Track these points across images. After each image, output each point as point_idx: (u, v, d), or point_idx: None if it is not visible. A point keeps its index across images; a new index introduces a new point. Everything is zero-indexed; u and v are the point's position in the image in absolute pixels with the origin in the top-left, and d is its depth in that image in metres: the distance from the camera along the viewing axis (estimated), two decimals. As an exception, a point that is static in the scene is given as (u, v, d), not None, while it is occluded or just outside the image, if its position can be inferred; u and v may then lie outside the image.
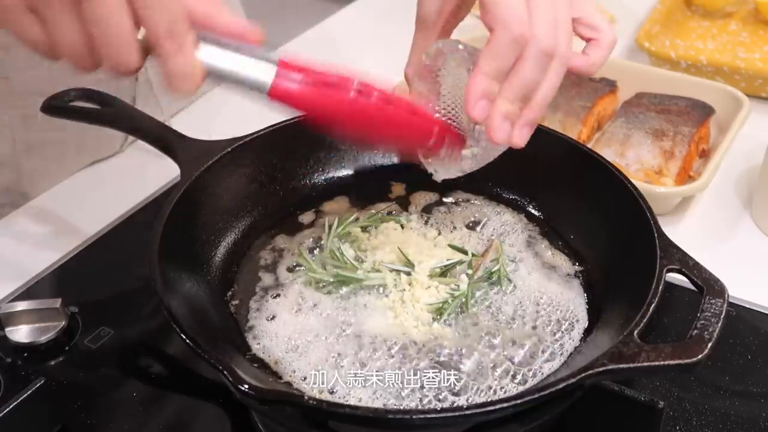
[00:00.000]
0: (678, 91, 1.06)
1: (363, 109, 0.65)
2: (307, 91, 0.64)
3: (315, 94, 0.64)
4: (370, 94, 0.65)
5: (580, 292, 0.73)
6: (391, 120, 0.67)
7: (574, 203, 0.80)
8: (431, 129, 0.69)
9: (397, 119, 0.68)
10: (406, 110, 0.68)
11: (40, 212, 0.97)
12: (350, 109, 0.65)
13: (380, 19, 1.46)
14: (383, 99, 0.66)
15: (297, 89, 0.63)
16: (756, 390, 0.73)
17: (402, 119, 0.68)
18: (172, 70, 0.56)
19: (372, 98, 0.65)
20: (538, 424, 0.62)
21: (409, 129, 0.69)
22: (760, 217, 0.94)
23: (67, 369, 0.75)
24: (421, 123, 0.70)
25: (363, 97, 0.65)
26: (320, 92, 0.64)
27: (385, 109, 0.66)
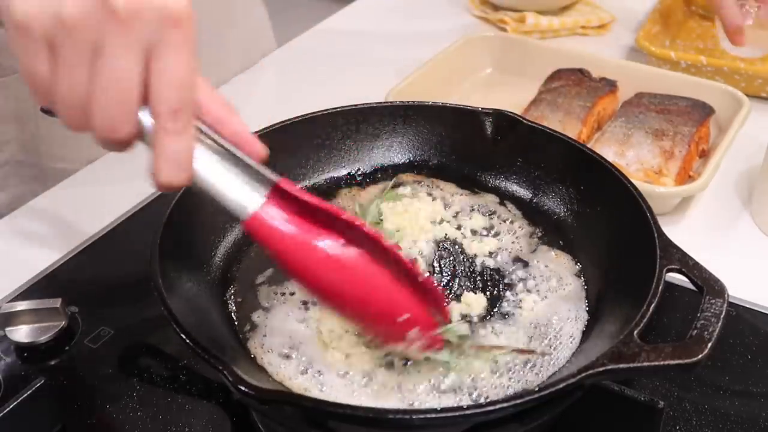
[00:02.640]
0: (678, 91, 1.07)
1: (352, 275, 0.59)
2: (285, 240, 0.58)
3: (294, 243, 0.58)
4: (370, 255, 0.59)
5: (581, 291, 0.73)
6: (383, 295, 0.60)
7: (574, 203, 0.80)
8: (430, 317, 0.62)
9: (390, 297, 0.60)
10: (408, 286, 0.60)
11: (40, 212, 0.97)
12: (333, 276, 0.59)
13: (380, 19, 1.46)
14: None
15: (274, 236, 0.58)
16: (756, 390, 0.73)
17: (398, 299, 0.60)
18: (165, 155, 0.53)
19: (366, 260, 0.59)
20: (538, 424, 0.62)
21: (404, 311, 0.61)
22: (760, 217, 0.94)
23: (67, 369, 0.75)
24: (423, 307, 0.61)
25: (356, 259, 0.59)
26: (295, 248, 0.58)
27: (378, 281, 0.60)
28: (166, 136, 0.52)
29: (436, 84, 1.12)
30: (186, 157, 0.54)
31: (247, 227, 0.58)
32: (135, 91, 0.51)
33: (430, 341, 0.62)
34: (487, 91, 1.20)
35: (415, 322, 0.61)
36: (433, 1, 1.49)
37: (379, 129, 0.88)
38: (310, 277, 0.60)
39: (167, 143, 0.52)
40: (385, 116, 0.88)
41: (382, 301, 0.61)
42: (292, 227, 0.58)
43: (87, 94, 0.51)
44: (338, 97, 0.91)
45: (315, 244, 0.59)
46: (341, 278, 0.60)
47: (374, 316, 0.62)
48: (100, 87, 0.51)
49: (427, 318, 0.62)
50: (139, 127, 0.52)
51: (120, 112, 0.51)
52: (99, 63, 0.50)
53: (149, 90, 0.52)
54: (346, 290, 0.60)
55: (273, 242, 0.58)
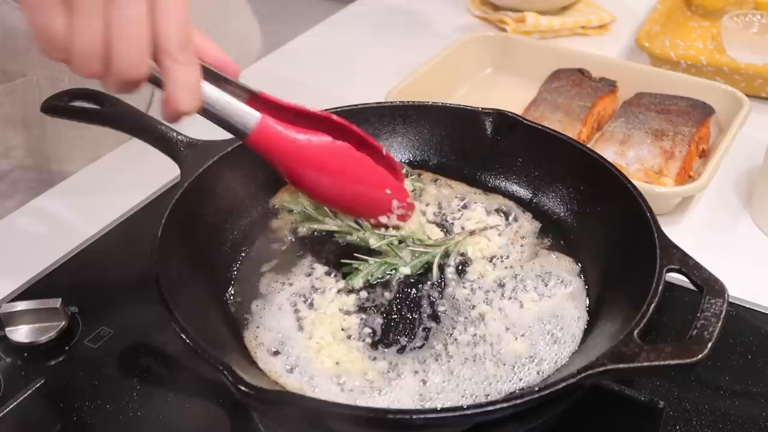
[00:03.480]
0: (678, 91, 1.07)
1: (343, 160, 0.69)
2: (287, 143, 0.66)
3: (294, 145, 0.67)
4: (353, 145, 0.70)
5: (581, 291, 0.73)
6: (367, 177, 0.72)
7: (574, 203, 0.80)
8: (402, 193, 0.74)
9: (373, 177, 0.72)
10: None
11: (39, 212, 0.97)
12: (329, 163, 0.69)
13: (380, 20, 1.46)
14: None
15: (277, 141, 0.66)
16: (756, 390, 0.73)
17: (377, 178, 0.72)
18: (179, 83, 0.58)
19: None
20: (538, 424, 0.62)
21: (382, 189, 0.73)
22: (759, 217, 0.94)
23: (67, 369, 0.75)
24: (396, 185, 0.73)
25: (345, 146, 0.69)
26: (299, 145, 0.67)
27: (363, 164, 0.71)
28: (179, 67, 0.58)
29: (436, 84, 1.12)
30: (197, 84, 0.60)
31: (253, 139, 0.65)
32: (148, 33, 0.56)
33: (408, 207, 0.74)
34: (487, 91, 1.20)
35: (396, 192, 0.73)
36: (433, 2, 1.49)
37: (379, 129, 0.88)
38: (312, 173, 0.69)
39: (180, 73, 0.58)
40: (385, 116, 0.88)
41: (372, 180, 0.72)
42: (290, 131, 0.67)
43: (104, 42, 0.56)
44: (338, 97, 0.91)
45: (311, 141, 0.67)
46: (338, 168, 0.69)
47: (367, 195, 0.72)
48: (117, 33, 0.55)
49: (401, 186, 0.74)
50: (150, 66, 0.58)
51: (137, 54, 0.56)
52: (113, 11, 0.55)
53: (157, 30, 0.57)
54: (343, 178, 0.70)
55: (278, 147, 0.66)
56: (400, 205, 0.73)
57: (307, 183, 0.70)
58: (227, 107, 0.64)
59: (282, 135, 0.66)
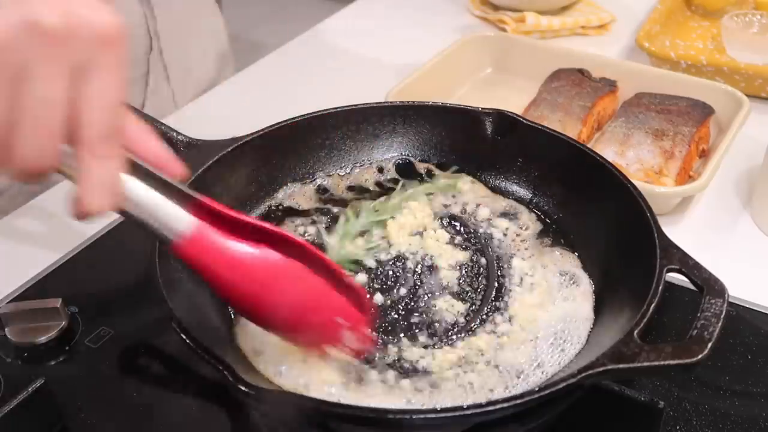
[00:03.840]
0: (678, 91, 1.07)
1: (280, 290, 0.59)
2: (225, 258, 0.57)
3: (231, 259, 0.57)
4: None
5: (589, 291, 0.73)
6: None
7: (574, 203, 0.80)
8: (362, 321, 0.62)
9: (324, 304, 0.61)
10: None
11: (40, 212, 0.97)
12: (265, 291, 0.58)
13: (380, 20, 1.46)
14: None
15: (212, 253, 0.57)
16: (756, 390, 0.73)
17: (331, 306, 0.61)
18: (92, 180, 0.49)
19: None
20: (538, 424, 0.62)
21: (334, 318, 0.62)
22: (759, 217, 0.94)
23: (67, 369, 0.75)
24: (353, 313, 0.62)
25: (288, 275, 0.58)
26: (238, 259, 0.57)
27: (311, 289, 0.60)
28: (95, 161, 0.49)
29: (436, 84, 1.12)
30: (115, 182, 0.51)
31: (179, 248, 0.56)
32: (62, 118, 0.47)
33: (365, 340, 0.63)
34: (487, 91, 1.20)
35: (351, 321, 0.62)
36: (433, 2, 1.49)
37: (379, 129, 0.88)
38: (248, 291, 0.59)
39: (95, 169, 0.49)
40: (385, 116, 0.88)
41: (321, 305, 0.61)
42: (226, 243, 0.57)
43: (8, 125, 0.46)
44: (338, 97, 0.91)
45: (251, 257, 0.58)
46: (281, 288, 0.59)
47: (314, 320, 0.61)
48: (26, 116, 0.46)
49: (360, 317, 0.62)
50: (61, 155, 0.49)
51: (46, 142, 0.47)
52: (24, 89, 0.46)
53: (77, 114, 0.48)
54: (286, 299, 0.60)
55: (208, 261, 0.57)
56: (355, 337, 0.62)
57: (242, 302, 0.60)
58: (153, 210, 0.54)
59: (218, 246, 0.56)
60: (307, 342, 0.64)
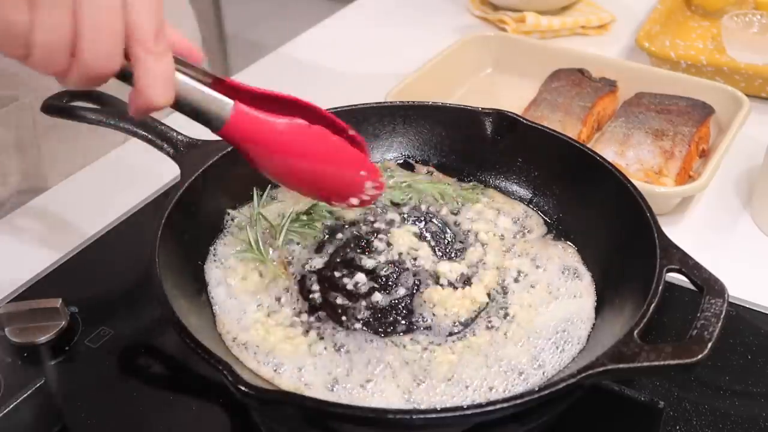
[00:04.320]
0: (678, 91, 1.07)
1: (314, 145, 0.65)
2: (263, 130, 0.63)
3: (270, 131, 0.63)
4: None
5: (590, 292, 0.73)
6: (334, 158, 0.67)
7: (574, 203, 0.80)
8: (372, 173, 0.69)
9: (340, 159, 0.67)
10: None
11: (40, 212, 0.97)
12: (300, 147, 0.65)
13: (380, 19, 1.46)
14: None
15: (253, 128, 0.62)
16: (756, 390, 0.73)
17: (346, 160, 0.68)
18: (156, 74, 0.55)
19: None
20: (538, 424, 0.62)
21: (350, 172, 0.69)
22: (759, 217, 0.94)
23: (67, 369, 0.75)
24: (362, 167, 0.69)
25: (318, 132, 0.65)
26: (276, 130, 0.63)
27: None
28: (153, 58, 0.54)
29: (436, 84, 1.12)
30: (171, 74, 0.56)
31: (229, 128, 0.61)
32: (120, 22, 0.52)
33: (379, 186, 0.70)
34: (487, 91, 1.20)
35: (370, 174, 0.69)
36: (433, 2, 1.49)
37: (379, 129, 0.88)
38: (288, 158, 0.65)
39: (154, 65, 0.54)
40: (385, 116, 0.88)
41: (347, 162, 0.68)
42: (264, 116, 0.63)
43: (71, 35, 0.51)
44: (338, 97, 0.91)
45: (288, 125, 0.64)
46: (314, 151, 0.66)
47: (342, 177, 0.68)
48: (88, 22, 0.51)
49: (374, 167, 0.70)
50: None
51: (111, 44, 0.52)
52: (85, 0, 0.50)
53: (130, 18, 0.53)
54: (319, 161, 0.66)
55: (254, 134, 0.62)
56: (373, 185, 0.70)
57: (281, 169, 0.66)
58: (200, 97, 0.60)
59: (258, 120, 0.62)
60: (338, 196, 0.70)
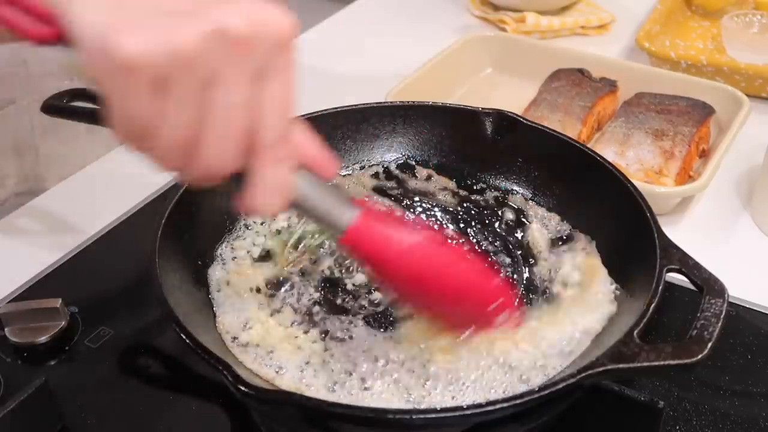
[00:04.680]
0: (678, 91, 1.07)
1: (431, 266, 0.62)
2: (382, 245, 0.60)
3: (389, 249, 0.60)
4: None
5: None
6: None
7: (574, 203, 0.80)
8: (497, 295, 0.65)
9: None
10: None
11: (39, 212, 0.97)
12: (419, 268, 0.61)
13: (380, 19, 1.46)
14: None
15: (372, 240, 0.60)
16: (756, 390, 0.73)
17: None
18: (266, 182, 0.50)
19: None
20: (538, 424, 0.62)
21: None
22: (759, 217, 0.94)
23: (67, 369, 0.75)
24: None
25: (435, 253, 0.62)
26: (395, 249, 0.60)
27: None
28: (270, 164, 0.50)
29: (436, 84, 1.12)
30: (287, 184, 0.52)
31: (347, 239, 0.58)
32: (247, 123, 0.48)
33: (517, 321, 0.66)
34: (487, 91, 1.20)
35: (503, 304, 0.65)
36: (433, 1, 1.49)
37: (379, 129, 0.88)
38: (409, 278, 0.62)
39: (271, 172, 0.50)
40: (385, 116, 0.88)
41: (472, 290, 0.65)
42: (387, 233, 0.60)
43: (195, 132, 0.47)
44: (338, 97, 0.91)
45: (409, 243, 0.61)
46: (438, 275, 0.63)
47: (468, 305, 0.65)
48: (214, 122, 0.47)
49: (510, 298, 0.66)
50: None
51: (231, 147, 0.48)
52: (211, 96, 0.46)
53: (257, 119, 0.48)
54: (442, 286, 0.63)
55: (373, 249, 0.60)
56: (506, 315, 0.66)
57: (405, 285, 0.63)
58: (321, 207, 0.57)
59: (382, 233, 0.60)
60: (461, 322, 0.66)
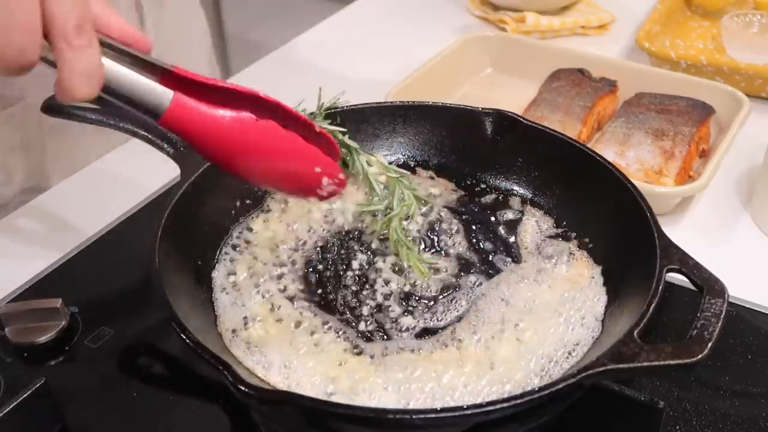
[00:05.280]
0: (678, 91, 1.07)
1: (261, 136, 0.63)
2: (204, 122, 0.61)
3: (212, 124, 0.61)
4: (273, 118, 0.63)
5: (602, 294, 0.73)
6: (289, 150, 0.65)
7: (574, 203, 0.80)
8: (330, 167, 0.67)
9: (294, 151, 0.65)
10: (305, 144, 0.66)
11: (40, 212, 0.97)
12: (246, 137, 0.62)
13: (380, 20, 1.46)
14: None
15: (193, 120, 0.60)
16: (756, 390, 0.73)
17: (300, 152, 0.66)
18: (75, 69, 0.53)
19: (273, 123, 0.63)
20: (538, 424, 0.62)
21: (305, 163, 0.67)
22: (759, 217, 0.94)
23: (67, 369, 0.75)
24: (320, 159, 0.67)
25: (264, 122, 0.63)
26: (218, 123, 0.61)
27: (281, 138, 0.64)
28: (74, 51, 0.52)
29: (436, 84, 1.12)
30: (96, 68, 0.54)
31: (166, 120, 0.59)
32: (36, 11, 0.51)
33: (339, 183, 0.68)
34: (487, 91, 1.20)
35: (326, 168, 0.67)
36: (433, 1, 1.49)
37: (379, 129, 0.88)
38: (233, 151, 0.63)
39: (76, 58, 0.52)
40: (385, 116, 0.88)
41: (299, 158, 0.66)
42: (207, 108, 0.61)
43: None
44: (338, 97, 0.91)
45: (231, 118, 0.62)
46: (261, 146, 0.64)
47: (294, 173, 0.66)
48: (3, 14, 0.50)
49: (333, 163, 0.68)
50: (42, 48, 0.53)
51: (24, 37, 0.51)
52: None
53: (49, 10, 0.51)
54: (267, 157, 0.64)
55: (194, 126, 0.60)
56: (331, 182, 0.68)
57: (228, 162, 0.65)
58: (134, 88, 0.57)
59: (198, 113, 0.60)
60: (291, 190, 0.69)
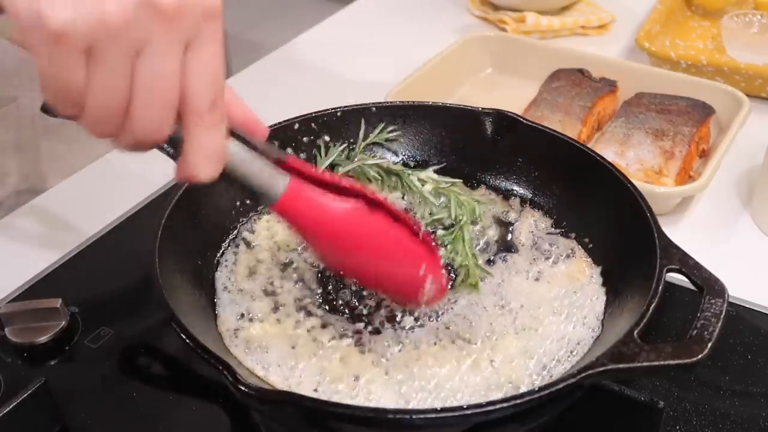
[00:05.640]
0: (678, 91, 1.07)
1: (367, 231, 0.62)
2: (315, 214, 0.60)
3: (322, 216, 0.61)
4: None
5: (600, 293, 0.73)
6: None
7: (574, 203, 0.80)
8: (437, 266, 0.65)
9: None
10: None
11: (40, 212, 0.97)
12: (354, 233, 0.62)
13: (380, 20, 1.46)
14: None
15: (305, 211, 0.60)
16: (756, 390, 0.73)
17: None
18: (201, 148, 0.52)
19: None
20: (538, 424, 0.62)
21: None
22: (759, 217, 0.94)
23: (67, 369, 0.75)
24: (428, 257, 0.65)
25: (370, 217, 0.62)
26: (328, 215, 0.61)
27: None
28: (204, 130, 0.52)
29: (436, 84, 1.12)
30: (221, 149, 0.54)
31: (280, 206, 0.59)
32: (177, 90, 0.50)
33: (440, 289, 0.67)
34: (487, 91, 1.20)
35: (430, 271, 0.65)
36: (433, 1, 1.49)
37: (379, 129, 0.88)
38: (341, 243, 0.62)
39: (204, 137, 0.52)
40: (385, 116, 0.88)
41: (406, 254, 0.65)
42: (321, 197, 0.60)
43: (125, 98, 0.49)
44: (338, 97, 0.91)
45: (343, 210, 0.61)
46: (374, 237, 0.63)
47: (400, 268, 0.65)
48: (143, 89, 0.49)
49: (438, 266, 0.66)
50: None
51: (162, 114, 0.50)
52: (141, 64, 0.48)
53: (188, 85, 0.50)
54: (378, 248, 0.64)
55: (306, 216, 0.60)
56: (432, 286, 0.66)
57: (336, 254, 0.64)
58: (253, 173, 0.57)
59: (313, 199, 0.60)
60: (394, 292, 0.68)
